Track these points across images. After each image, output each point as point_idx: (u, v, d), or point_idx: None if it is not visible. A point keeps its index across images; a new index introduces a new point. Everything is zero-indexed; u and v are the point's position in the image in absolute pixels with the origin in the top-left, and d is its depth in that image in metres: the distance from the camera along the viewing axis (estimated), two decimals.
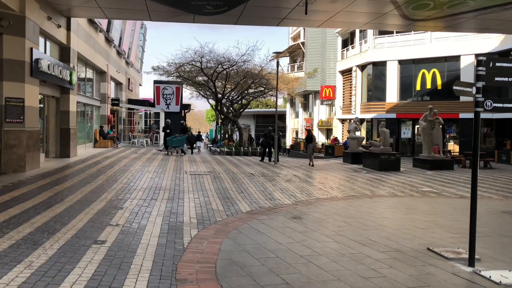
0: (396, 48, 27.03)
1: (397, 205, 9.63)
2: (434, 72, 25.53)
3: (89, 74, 21.83)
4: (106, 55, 23.72)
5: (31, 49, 12.14)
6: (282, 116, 53.50)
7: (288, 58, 46.79)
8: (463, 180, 14.54)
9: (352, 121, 22.49)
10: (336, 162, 22.82)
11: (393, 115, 26.72)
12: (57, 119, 15.76)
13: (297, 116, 44.59)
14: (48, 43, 14.67)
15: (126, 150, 22.03)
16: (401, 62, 26.84)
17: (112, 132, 24.19)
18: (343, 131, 33.02)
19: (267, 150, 19.81)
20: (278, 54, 18.54)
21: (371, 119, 28.29)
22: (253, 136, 38.72)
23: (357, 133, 22.61)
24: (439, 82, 25.47)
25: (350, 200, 9.97)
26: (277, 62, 18.36)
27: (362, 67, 29.46)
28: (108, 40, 23.57)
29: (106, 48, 23.74)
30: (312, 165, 18.66)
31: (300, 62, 40.70)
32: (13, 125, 11.77)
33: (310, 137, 20.41)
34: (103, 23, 20.85)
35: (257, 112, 57.09)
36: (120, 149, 22.49)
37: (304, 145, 22.82)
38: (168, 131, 21.29)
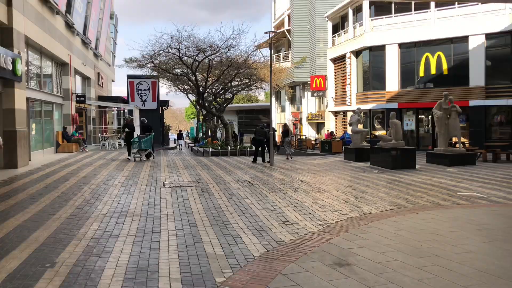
0: (395, 30, 24.43)
1: (459, 223, 6.93)
2: (439, 56, 23.05)
3: (46, 65, 18.48)
4: (68, 43, 20.37)
5: None
6: (266, 111, 50.72)
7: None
8: (500, 178, 12.13)
9: (354, 112, 19.75)
10: (336, 159, 20.10)
11: (395, 105, 24.17)
12: None
13: (283, 110, 41.82)
14: None
15: (94, 154, 18.81)
16: (401, 45, 24.27)
17: (77, 134, 20.88)
18: (336, 125, 30.39)
19: (259, 149, 16.91)
20: (271, 34, 15.59)
21: (369, 110, 25.67)
22: (236, 132, 35.77)
23: (360, 126, 19.90)
24: (445, 66, 22.99)
25: (395, 220, 7.18)
26: (270, 43, 15.47)
27: (357, 53, 26.81)
28: (70, 26, 20.21)
29: (68, 36, 20.38)
30: (290, 159, 18.53)
31: (285, 51, 37.83)
32: None
33: (286, 131, 20.21)
34: (61, 3, 17.52)
35: (241, 107, 54.06)
36: (87, 153, 19.25)
37: (281, 140, 20.71)
38: (127, 129, 16.85)
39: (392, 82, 24.49)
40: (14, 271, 4.35)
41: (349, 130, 26.50)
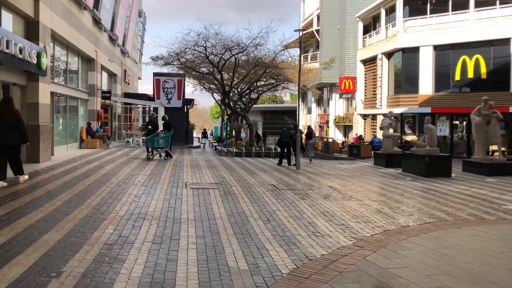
0: (430, 31, 23.40)
1: (511, 242, 6.22)
2: (477, 59, 21.92)
3: (73, 61, 18.39)
4: (95, 39, 20.27)
5: None
6: (291, 112, 49.99)
7: (298, 49, 43.16)
8: None
9: (385, 116, 18.92)
10: (365, 164, 19.31)
11: (428, 109, 23.15)
12: (22, 113, 12.27)
13: (309, 112, 41.03)
14: (4, 12, 11.20)
15: (117, 151, 18.60)
16: (436, 47, 23.23)
17: (102, 130, 20.75)
18: (365, 128, 29.47)
19: (285, 151, 16.30)
20: (301, 32, 14.94)
21: (401, 114, 24.69)
22: (260, 133, 35.19)
23: (391, 130, 19.04)
24: (483, 70, 21.85)
25: (437, 235, 6.50)
26: (300, 42, 14.85)
27: (389, 54, 25.86)
28: (97, 22, 20.10)
29: (95, 32, 20.28)
30: (311, 161, 18.29)
31: (313, 52, 37.08)
32: None
33: (310, 133, 20.14)
34: None
35: (265, 107, 53.54)
36: (110, 149, 19.06)
37: (305, 142, 20.15)
38: (150, 127, 16.11)
39: (426, 85, 23.46)
40: (15, 280, 3.90)
41: (379, 134, 25.62)
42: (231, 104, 27.03)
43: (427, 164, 14.79)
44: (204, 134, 39.36)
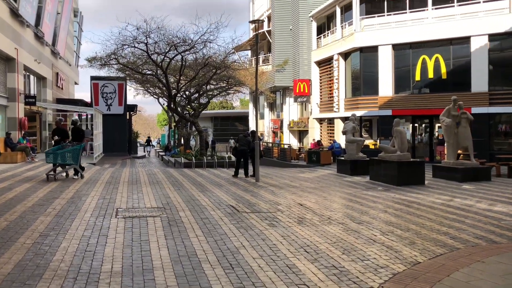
0: (389, 29, 22.34)
1: None
2: (437, 58, 21.03)
3: None
4: (15, 35, 17.25)
5: None
6: (243, 118, 48.18)
7: (249, 52, 41.44)
8: None
9: (349, 119, 17.40)
10: (328, 172, 17.65)
11: (388, 112, 21.99)
12: None
13: (261, 117, 39.27)
14: None
15: (42, 165, 15.65)
16: (395, 46, 22.18)
17: (25, 141, 17.67)
18: (321, 133, 28.06)
19: (241, 160, 14.22)
20: (257, 23, 12.96)
21: (360, 117, 23.41)
22: (209, 141, 32.89)
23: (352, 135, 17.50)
24: (443, 70, 20.98)
25: (462, 277, 4.74)
26: (256, 35, 12.90)
27: (346, 55, 24.60)
28: (16, 15, 17.09)
29: (14, 26, 17.26)
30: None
31: (265, 54, 35.40)
32: None
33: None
34: None
35: (216, 113, 51.45)
36: (34, 164, 16.09)
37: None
38: (56, 137, 12.12)
39: (386, 86, 22.33)
40: None
41: (338, 138, 24.19)
42: (179, 109, 24.60)
43: (400, 172, 13.28)
44: (148, 142, 36.84)
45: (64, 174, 11.73)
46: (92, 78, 29.53)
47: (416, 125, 23.16)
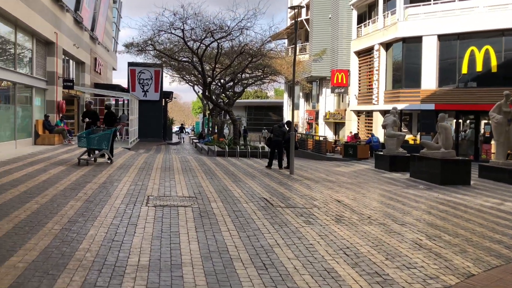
0: (435, 19, 21.19)
1: None
2: (487, 50, 19.80)
3: (25, 42, 15.51)
4: (55, 20, 17.40)
5: None
6: (277, 108, 47.66)
7: (286, 40, 40.74)
8: None
9: (389, 113, 16.64)
10: (366, 167, 17.02)
11: (431, 106, 20.98)
12: None
13: (296, 107, 38.60)
14: None
15: (78, 148, 15.78)
16: (441, 37, 21.04)
17: (62, 124, 17.91)
18: (358, 126, 27.22)
19: (276, 151, 13.81)
20: (296, 9, 12.39)
21: (400, 110, 22.45)
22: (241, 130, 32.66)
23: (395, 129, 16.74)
24: (493, 63, 19.74)
25: None
26: (295, 22, 12.36)
27: (387, 45, 23.61)
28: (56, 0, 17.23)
29: (54, 10, 17.41)
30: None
31: (302, 43, 34.64)
32: None
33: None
34: None
35: (250, 103, 51.11)
36: (70, 146, 16.25)
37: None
38: (87, 119, 12.16)
39: (429, 79, 21.26)
40: None
41: (376, 132, 23.35)
42: (213, 97, 24.40)
43: (444, 170, 12.53)
44: (182, 129, 37.73)
45: (98, 157, 11.66)
46: (130, 64, 29.77)
47: (460, 121, 22.01)
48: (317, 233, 5.90)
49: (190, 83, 33.14)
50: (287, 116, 40.22)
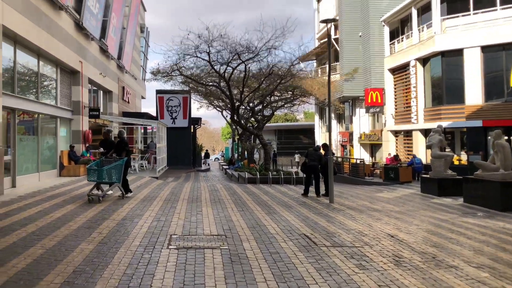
0: (476, 30, 19.82)
1: None
2: None
3: (48, 72, 15.16)
4: (79, 48, 17.12)
5: None
6: (308, 131, 46.48)
7: (314, 62, 39.87)
8: None
9: (434, 131, 15.27)
10: (411, 192, 15.57)
11: (478, 123, 19.37)
12: None
13: (328, 130, 37.32)
14: None
15: None
16: (485, 49, 19.61)
17: (88, 155, 17.37)
18: (397, 146, 25.68)
19: (312, 177, 12.66)
20: (329, 22, 11.39)
21: (443, 128, 20.90)
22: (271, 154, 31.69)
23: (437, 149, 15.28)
24: None
25: None
26: (329, 35, 11.37)
27: (424, 60, 22.30)
28: (81, 28, 16.97)
29: (79, 39, 17.15)
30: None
31: (332, 64, 33.61)
32: None
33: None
34: None
35: (279, 126, 50.15)
36: None
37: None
38: (101, 149, 11.02)
39: (474, 94, 19.75)
40: None
41: (418, 153, 21.78)
42: (242, 122, 23.56)
43: (506, 194, 11.04)
44: (207, 155, 41.45)
45: (110, 192, 10.47)
46: (158, 92, 29.56)
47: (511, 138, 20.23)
48: (376, 282, 4.71)
49: (218, 108, 32.57)
50: (319, 139, 38.95)
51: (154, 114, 29.87)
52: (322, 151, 12.99)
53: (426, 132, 22.52)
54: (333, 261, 5.48)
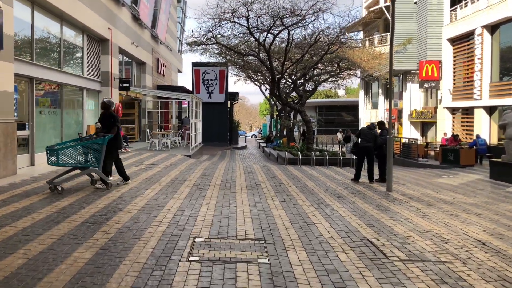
0: None
1: None
2: None
3: (72, 38, 13.94)
4: (107, 14, 15.82)
5: None
6: (351, 108, 44.09)
7: (361, 33, 37.17)
8: None
9: (510, 109, 13.01)
10: (476, 178, 13.49)
11: None
12: None
13: (374, 106, 34.90)
14: None
15: (133, 156, 13.97)
16: None
17: None
18: (453, 125, 23.21)
19: (365, 160, 10.90)
20: None
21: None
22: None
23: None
24: None
25: None
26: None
27: (493, 27, 19.60)
28: None
29: (108, 5, 15.84)
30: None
31: (381, 34, 30.98)
32: None
33: (348, 137, 17.75)
34: None
35: (321, 102, 47.90)
36: (126, 154, 14.51)
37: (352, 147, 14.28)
38: (99, 124, 8.63)
39: None
40: None
41: (481, 133, 19.38)
42: (283, 96, 21.79)
43: None
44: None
45: (101, 186, 8.00)
46: (194, 64, 28.18)
47: None
48: None
49: (256, 83, 30.86)
50: (363, 116, 36.59)
51: (190, 88, 28.59)
52: (377, 130, 11.13)
53: (491, 110, 19.97)
54: (412, 283, 3.83)
